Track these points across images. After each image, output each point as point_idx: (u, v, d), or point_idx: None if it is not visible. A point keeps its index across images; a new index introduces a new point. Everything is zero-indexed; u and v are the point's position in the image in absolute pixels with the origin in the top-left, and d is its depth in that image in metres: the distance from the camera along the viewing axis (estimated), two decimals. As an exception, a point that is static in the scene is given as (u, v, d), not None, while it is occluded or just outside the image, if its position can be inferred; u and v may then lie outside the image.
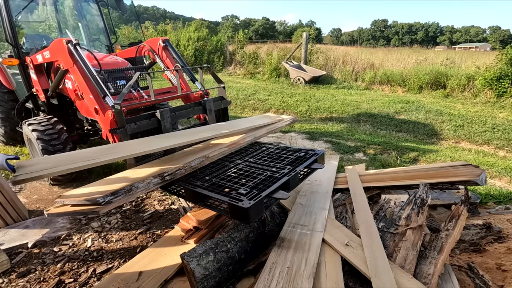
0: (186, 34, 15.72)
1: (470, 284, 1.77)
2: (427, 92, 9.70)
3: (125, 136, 2.25)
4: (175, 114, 2.62)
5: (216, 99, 3.00)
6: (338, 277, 1.61)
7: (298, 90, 10.08)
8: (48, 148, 3.08)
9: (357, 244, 1.82)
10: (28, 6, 4.14)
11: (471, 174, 2.25)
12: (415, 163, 4.18)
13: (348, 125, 6.26)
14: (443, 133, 5.71)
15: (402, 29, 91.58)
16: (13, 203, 2.79)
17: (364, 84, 11.02)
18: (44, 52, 3.10)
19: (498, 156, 4.55)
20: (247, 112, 7.41)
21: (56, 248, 2.45)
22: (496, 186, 3.47)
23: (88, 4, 4.87)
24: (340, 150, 4.70)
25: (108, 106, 2.44)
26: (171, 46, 3.40)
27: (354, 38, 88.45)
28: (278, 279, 1.59)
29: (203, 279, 1.65)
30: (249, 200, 1.68)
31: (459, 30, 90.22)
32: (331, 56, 13.04)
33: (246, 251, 1.94)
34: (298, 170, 2.11)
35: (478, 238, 2.20)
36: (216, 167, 2.31)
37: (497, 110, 7.33)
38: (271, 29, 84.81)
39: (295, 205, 2.33)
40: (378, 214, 2.24)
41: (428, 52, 16.05)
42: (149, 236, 2.61)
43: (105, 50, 4.84)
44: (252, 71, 13.37)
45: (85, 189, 1.84)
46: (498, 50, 9.27)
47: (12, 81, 4.16)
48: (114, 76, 3.08)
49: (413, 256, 1.72)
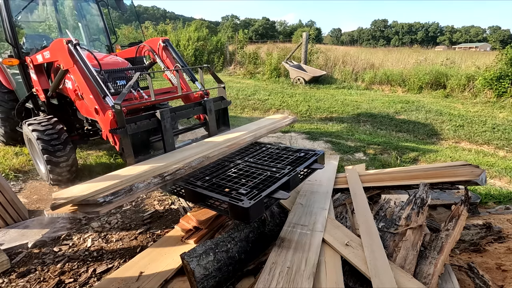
0: (186, 34, 15.72)
1: (470, 284, 1.77)
2: (427, 92, 9.70)
3: (125, 136, 2.25)
4: (175, 114, 2.62)
5: (216, 99, 3.00)
6: (338, 277, 1.61)
7: (298, 90, 10.08)
8: (48, 148, 3.08)
9: (357, 244, 1.82)
10: (28, 6, 4.14)
11: (471, 174, 2.25)
12: (415, 163, 4.18)
13: (348, 125, 6.26)
14: (443, 133, 5.71)
15: (402, 29, 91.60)
16: (13, 203, 2.79)
17: (364, 84, 11.02)
18: (44, 52, 3.10)
19: (498, 156, 4.55)
20: (247, 112, 7.41)
21: (56, 248, 2.45)
22: (496, 186, 3.47)
23: (88, 4, 4.87)
24: (340, 150, 4.70)
25: (108, 106, 2.44)
26: (171, 46, 3.40)
27: (354, 38, 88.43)
28: (278, 279, 1.59)
29: (203, 279, 1.65)
30: (249, 200, 1.68)
31: (459, 30, 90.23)
32: (331, 56, 13.04)
33: (246, 251, 1.94)
34: (298, 170, 2.11)
35: (478, 238, 2.21)
36: (216, 167, 2.31)
37: (497, 110, 7.34)
38: (271, 29, 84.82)
39: (295, 205, 2.33)
40: (378, 214, 2.24)
41: (428, 52, 16.04)
42: (149, 236, 2.61)
43: (105, 50, 4.84)
44: (252, 71, 13.37)
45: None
46: (498, 50, 9.28)
47: (12, 81, 4.15)
48: (114, 76, 3.08)
49: (413, 256, 1.72)
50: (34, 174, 3.79)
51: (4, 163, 3.95)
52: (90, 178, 1.93)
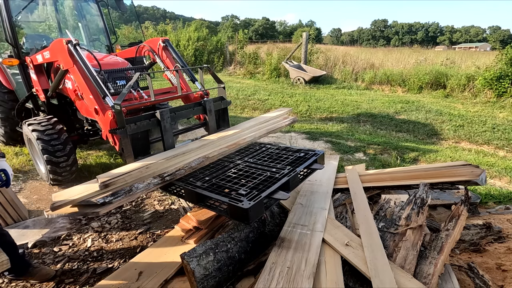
0: (186, 34, 15.71)
1: (470, 284, 1.77)
2: (427, 92, 9.69)
3: (125, 137, 2.24)
4: (175, 115, 2.62)
5: (216, 99, 3.00)
6: (338, 277, 1.61)
7: (298, 90, 10.08)
8: (48, 148, 3.08)
9: (357, 244, 1.82)
10: (28, 6, 4.13)
11: (471, 174, 2.25)
12: (415, 163, 4.18)
13: (348, 125, 6.26)
14: (443, 133, 5.71)
15: (402, 29, 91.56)
16: (13, 203, 2.79)
17: (364, 84, 11.01)
18: (44, 52, 3.10)
19: (498, 156, 4.55)
20: (247, 112, 7.40)
21: (56, 248, 2.45)
22: (496, 186, 3.47)
23: (88, 4, 4.87)
24: (340, 150, 4.70)
25: (108, 106, 2.44)
26: (171, 46, 3.40)
27: (354, 38, 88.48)
28: (278, 279, 1.59)
29: (203, 279, 1.65)
30: (249, 201, 1.68)
31: (459, 30, 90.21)
32: (331, 56, 13.04)
33: (246, 251, 1.94)
34: (298, 170, 2.11)
35: (478, 238, 2.21)
36: (216, 167, 2.31)
37: (497, 110, 7.33)
38: (271, 29, 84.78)
39: (295, 205, 2.33)
40: (378, 214, 2.24)
41: (428, 52, 16.04)
42: (149, 236, 2.61)
43: (105, 50, 4.84)
44: (252, 71, 13.37)
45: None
46: (498, 50, 9.27)
47: (12, 81, 4.15)
48: (114, 76, 3.07)
49: (413, 256, 1.72)
50: (34, 174, 3.79)
51: (4, 163, 3.95)
52: (90, 178, 1.93)
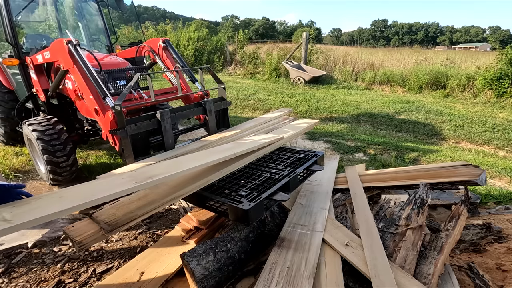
0: (186, 34, 15.71)
1: (470, 284, 1.77)
2: (427, 92, 9.70)
3: (125, 137, 2.24)
4: (175, 115, 2.62)
5: (216, 100, 3.00)
6: (338, 277, 1.61)
7: (298, 90, 10.08)
8: (48, 148, 3.08)
9: (357, 244, 1.83)
10: (28, 6, 4.13)
11: (471, 174, 2.26)
12: (415, 163, 4.18)
13: (348, 125, 6.26)
14: (443, 133, 5.71)
15: (402, 29, 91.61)
16: (13, 203, 2.79)
17: (364, 84, 11.02)
18: (44, 52, 3.10)
19: (498, 156, 4.55)
20: (247, 112, 7.40)
21: (56, 248, 2.45)
22: (496, 186, 3.47)
23: (88, 4, 4.87)
24: (340, 150, 4.70)
25: (108, 106, 2.44)
26: (171, 47, 3.40)
27: (354, 38, 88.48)
28: (278, 279, 1.59)
29: (203, 279, 1.66)
30: (249, 202, 1.68)
31: (459, 30, 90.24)
32: (331, 56, 13.04)
33: (246, 251, 1.94)
34: (298, 171, 2.11)
35: (478, 238, 2.21)
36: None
37: (497, 110, 7.34)
38: (271, 29, 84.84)
39: (295, 205, 2.33)
40: (378, 214, 2.24)
41: (428, 52, 16.03)
42: (149, 236, 2.61)
43: (105, 50, 4.84)
44: (252, 71, 13.37)
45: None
46: (498, 50, 9.27)
47: (12, 81, 4.16)
48: (114, 77, 3.07)
49: (413, 256, 1.72)
50: (34, 174, 3.79)
51: (4, 163, 3.95)
52: (90, 178, 1.93)
